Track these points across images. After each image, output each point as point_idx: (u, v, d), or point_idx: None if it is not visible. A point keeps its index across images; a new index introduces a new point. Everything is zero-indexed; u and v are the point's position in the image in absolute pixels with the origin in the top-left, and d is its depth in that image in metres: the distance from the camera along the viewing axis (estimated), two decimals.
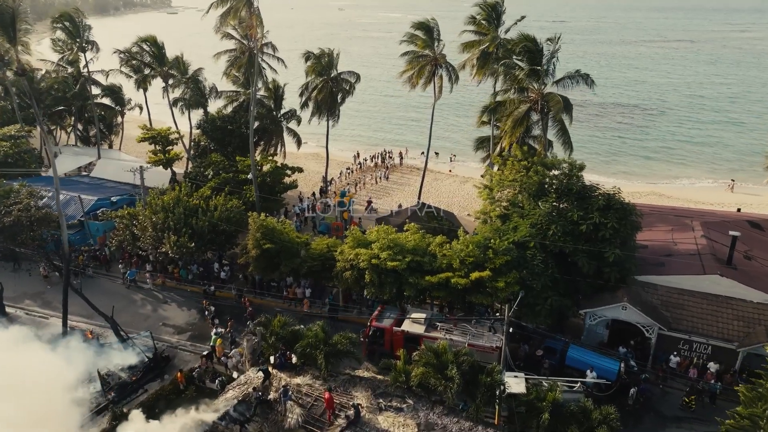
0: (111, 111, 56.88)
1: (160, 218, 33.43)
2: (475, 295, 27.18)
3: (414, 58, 43.93)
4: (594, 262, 27.51)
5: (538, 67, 30.85)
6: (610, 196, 28.59)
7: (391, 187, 55.55)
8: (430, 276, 27.63)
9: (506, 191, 31.22)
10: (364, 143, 71.32)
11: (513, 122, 31.50)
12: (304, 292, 32.91)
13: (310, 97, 46.99)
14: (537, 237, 27.99)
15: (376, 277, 28.09)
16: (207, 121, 47.52)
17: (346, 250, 29.73)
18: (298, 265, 31.07)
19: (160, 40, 50.28)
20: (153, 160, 44.16)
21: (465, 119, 79.49)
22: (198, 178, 44.04)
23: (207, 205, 35.85)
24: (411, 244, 28.63)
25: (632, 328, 27.42)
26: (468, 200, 51.80)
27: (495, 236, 28.93)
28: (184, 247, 32.17)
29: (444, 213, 39.45)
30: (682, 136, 74.79)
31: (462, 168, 62.61)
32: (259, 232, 30.93)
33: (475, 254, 27.37)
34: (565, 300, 27.63)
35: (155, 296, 34.96)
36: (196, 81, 49.90)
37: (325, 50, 46.63)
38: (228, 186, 41.35)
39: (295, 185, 44.12)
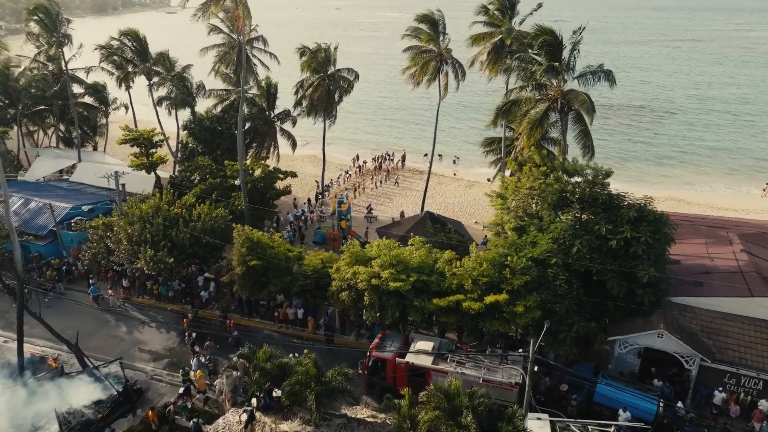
0: (94, 111, 53.45)
1: (136, 230, 30.04)
2: (490, 321, 23.81)
3: (417, 53, 40.61)
4: (624, 282, 24.15)
5: (557, 63, 27.47)
6: (641, 207, 25.25)
7: (392, 192, 52.18)
8: (438, 298, 24.27)
9: (522, 200, 27.84)
10: (363, 145, 67.83)
11: (530, 123, 28.12)
12: (296, 313, 29.51)
13: (305, 96, 43.60)
14: (559, 254, 24.61)
15: (377, 299, 24.73)
16: (194, 122, 44.13)
17: (343, 267, 26.36)
18: (289, 283, 27.67)
19: (142, 34, 46.87)
20: (135, 164, 40.77)
21: (466, 122, 76.27)
22: (184, 183, 40.72)
23: (190, 214, 32.48)
24: (416, 261, 25.26)
25: (668, 357, 24.07)
26: (475, 206, 48.48)
27: (511, 252, 25.63)
28: (162, 262, 28.77)
29: (451, 222, 36.10)
30: (694, 139, 71.31)
31: (466, 171, 59.34)
32: (244, 246, 27.53)
33: (490, 274, 24.01)
34: (591, 326, 24.25)
35: (132, 316, 31.53)
36: (182, 78, 46.47)
37: (321, 45, 43.25)
38: (215, 192, 37.97)
39: (288, 191, 40.76)
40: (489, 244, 30.00)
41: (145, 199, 34.03)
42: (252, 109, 45.95)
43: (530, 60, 28.47)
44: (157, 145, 41.90)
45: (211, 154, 44.36)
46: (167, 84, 46.43)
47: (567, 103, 28.67)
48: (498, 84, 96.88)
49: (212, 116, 44.20)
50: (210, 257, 31.72)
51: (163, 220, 30.95)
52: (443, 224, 32.99)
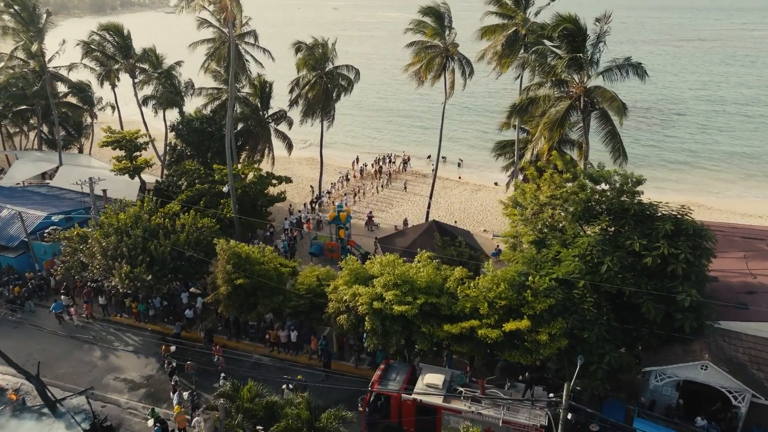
0: (78, 111, 50.38)
1: (112, 243, 27.04)
2: (509, 351, 20.80)
3: (422, 48, 37.66)
4: (662, 306, 21.16)
5: (581, 55, 24.44)
6: (679, 218, 22.30)
7: (394, 197, 49.19)
8: (449, 324, 21.29)
9: (543, 210, 24.85)
10: (362, 148, 64.73)
11: (550, 123, 25.13)
12: (288, 335, 26.50)
13: (301, 95, 40.62)
14: (588, 273, 21.62)
15: (379, 324, 21.75)
16: (182, 123, 41.14)
17: (341, 287, 23.37)
18: (281, 304, 24.66)
19: (126, 29, 43.77)
20: (117, 168, 37.76)
21: (469, 124, 73.12)
22: (170, 189, 37.71)
23: (173, 224, 29.51)
24: (423, 281, 22.26)
25: (710, 391, 21.10)
26: (483, 212, 45.52)
27: (530, 269, 22.66)
28: (139, 279, 25.77)
29: (459, 233, 33.09)
30: (707, 142, 68.13)
31: (472, 174, 56.37)
32: (230, 263, 24.52)
33: (509, 296, 21.02)
34: (625, 356, 21.26)
35: (107, 338, 28.50)
36: (169, 76, 43.45)
37: (318, 40, 40.28)
38: (203, 200, 34.99)
39: (282, 197, 37.75)
40: (503, 257, 27.05)
41: (125, 207, 30.98)
42: (244, 109, 43.00)
43: (549, 53, 25.45)
44: (142, 148, 38.91)
45: (201, 157, 41.38)
46: (153, 82, 43.43)
47: (590, 102, 25.68)
48: (502, 84, 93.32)
49: (201, 116, 41.20)
50: (194, 272, 28.69)
51: (143, 232, 27.96)
52: (452, 236, 30.00)
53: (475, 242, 32.38)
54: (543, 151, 25.43)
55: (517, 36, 30.04)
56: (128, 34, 43.96)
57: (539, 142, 26.40)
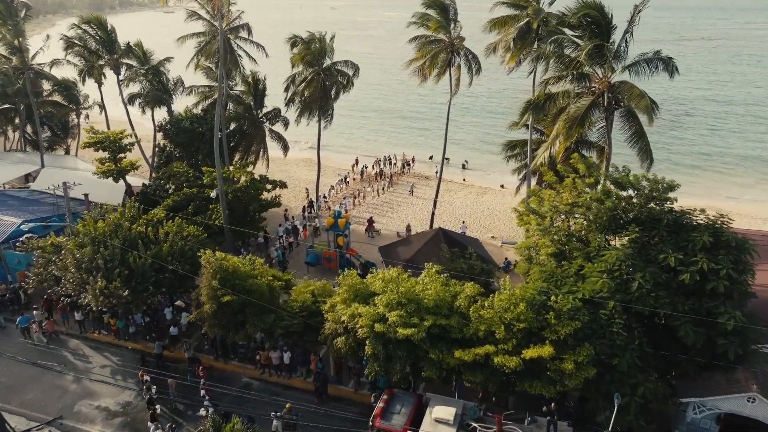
0: (64, 110, 47.87)
1: (87, 254, 24.54)
2: (529, 381, 18.34)
3: (425, 43, 35.23)
4: (701, 329, 18.72)
5: (607, 44, 21.93)
6: (717, 229, 19.87)
7: (396, 201, 46.71)
8: (460, 349, 18.85)
9: (562, 219, 22.43)
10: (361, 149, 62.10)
11: (570, 121, 22.66)
12: (281, 356, 24.02)
13: (297, 92, 38.17)
14: (617, 292, 19.17)
15: (382, 349, 19.30)
16: (170, 122, 38.67)
17: (339, 305, 20.90)
18: (272, 323, 22.19)
19: (109, 23, 41.26)
20: (100, 171, 35.27)
21: (471, 125, 70.37)
22: (157, 193, 35.24)
23: (156, 233, 27.02)
24: (431, 298, 19.79)
25: (756, 425, 18.68)
26: (490, 217, 43.06)
27: (550, 285, 20.26)
28: (115, 296, 23.28)
29: (467, 241, 30.64)
30: (717, 143, 65.50)
31: (476, 176, 53.85)
32: (215, 278, 22.02)
33: (528, 318, 18.58)
34: (660, 387, 18.81)
35: (83, 358, 26.00)
36: (157, 73, 40.97)
37: (315, 35, 37.83)
38: (191, 205, 32.52)
39: (277, 202, 35.25)
40: (518, 269, 24.61)
41: (105, 214, 28.47)
42: (237, 107, 40.56)
43: (569, 43, 22.97)
44: (127, 149, 36.42)
45: (190, 159, 38.94)
46: (139, 79, 40.96)
47: (614, 99, 23.22)
48: (504, 84, 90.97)
49: (191, 116, 38.73)
50: (179, 286, 26.19)
51: (123, 241, 25.46)
52: (460, 245, 27.53)
53: (485, 253, 29.91)
54: (559, 152, 22.97)
55: (530, 28, 27.59)
56: (112, 28, 41.48)
57: (556, 142, 23.94)
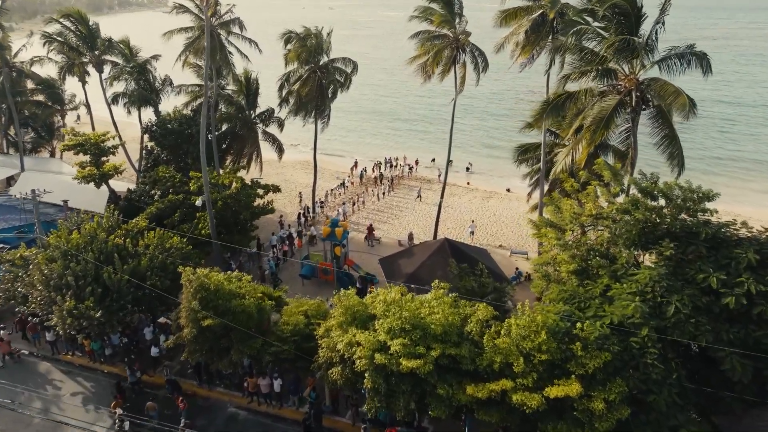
0: (48, 110, 45.50)
1: (56, 269, 22.18)
2: (553, 422, 15.97)
3: (428, 39, 32.96)
4: (748, 361, 16.34)
5: (636, 38, 19.57)
6: (764, 244, 17.52)
7: (398, 206, 44.36)
8: (473, 384, 16.48)
9: (585, 232, 20.06)
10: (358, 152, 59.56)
11: (594, 123, 20.29)
12: (271, 384, 21.64)
13: (291, 92, 35.82)
14: (651, 317, 16.80)
15: (383, 382, 16.93)
16: (156, 123, 36.33)
17: (335, 330, 18.55)
18: (260, 349, 19.82)
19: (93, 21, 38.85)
20: (81, 176, 32.90)
21: (472, 127, 67.74)
22: (142, 199, 32.94)
23: (136, 244, 24.68)
24: (438, 324, 17.40)
25: None
26: (497, 224, 40.71)
27: (572, 307, 17.92)
28: (85, 317, 20.91)
29: (474, 252, 28.30)
30: (728, 146, 62.92)
31: (480, 180, 51.52)
32: (195, 298, 19.65)
33: (551, 348, 16.21)
34: (703, 427, 16.44)
35: (52, 382, 23.62)
36: (142, 71, 38.60)
37: (311, 30, 35.49)
38: (177, 213, 30.20)
39: (270, 209, 32.86)
40: (533, 288, 22.25)
41: (82, 223, 26.11)
42: (228, 108, 38.23)
43: (593, 35, 20.57)
44: (110, 152, 34.06)
45: (179, 162, 36.59)
46: (123, 77, 38.60)
47: (642, 98, 20.85)
48: (505, 85, 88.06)
49: (179, 116, 36.38)
50: (159, 304, 23.81)
51: (98, 255, 23.11)
52: (468, 258, 25.18)
53: (495, 266, 27.57)
54: (582, 158, 20.58)
55: (545, 19, 25.25)
56: (95, 24, 39.10)
57: (578, 147, 21.57)
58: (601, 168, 19.77)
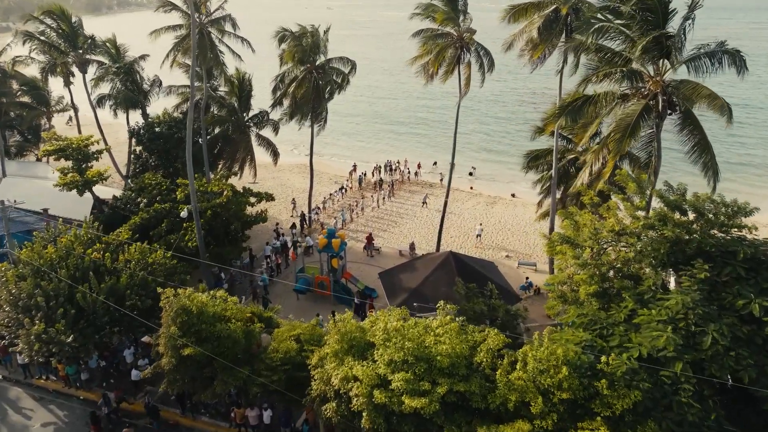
0: (33, 112, 43.58)
1: (25, 289, 20.27)
2: None
3: (431, 37, 31.07)
4: None
5: (668, 32, 17.60)
6: None
7: (398, 213, 42.45)
8: (484, 427, 14.57)
9: (606, 250, 18.15)
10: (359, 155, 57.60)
11: (620, 131, 18.35)
12: (260, 415, 19.74)
13: (286, 93, 33.94)
14: (685, 350, 14.90)
15: (384, 422, 15.04)
16: (143, 127, 34.44)
17: (329, 360, 16.64)
18: (246, 379, 17.92)
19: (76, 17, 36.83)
20: (63, 183, 31.00)
21: (473, 132, 65.53)
22: (128, 207, 31.04)
23: (116, 259, 22.77)
24: (445, 355, 15.50)
25: None
26: (503, 232, 38.80)
27: (594, 335, 16.06)
28: (55, 343, 19.00)
29: (480, 265, 26.38)
30: (739, 151, 60.69)
31: (484, 185, 49.57)
32: (176, 322, 17.74)
33: (572, 385, 14.31)
34: None
35: (22, 411, 21.70)
36: (129, 71, 36.69)
37: (307, 28, 33.61)
38: (164, 223, 28.31)
39: (263, 218, 30.94)
40: (549, 311, 20.38)
41: (58, 236, 24.21)
42: (220, 110, 36.35)
43: (615, 32, 18.64)
44: (94, 158, 32.14)
45: (168, 167, 34.67)
46: (109, 78, 36.68)
47: (669, 101, 18.94)
48: (508, 86, 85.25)
49: (168, 119, 34.47)
50: (139, 326, 21.86)
51: (73, 271, 21.22)
52: (475, 273, 23.28)
53: (504, 282, 25.65)
54: (607, 171, 18.60)
55: (558, 16, 23.34)
56: (78, 21, 37.11)
57: (598, 156, 19.65)
58: (625, 179, 17.85)
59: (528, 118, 68.93)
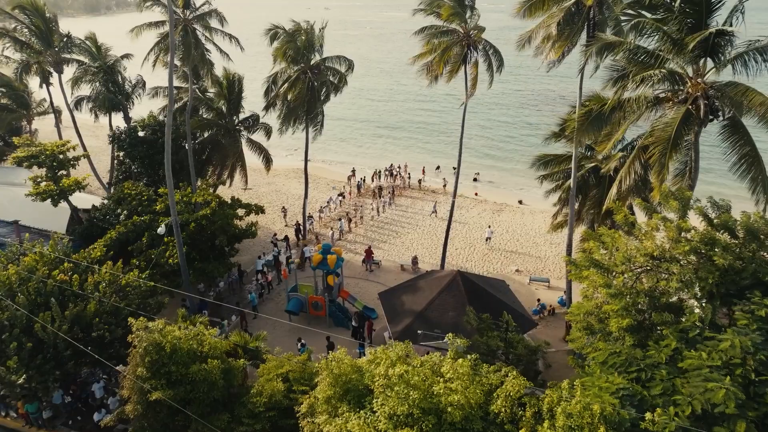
0: (11, 115, 41.00)
1: None
2: None
3: (435, 34, 28.64)
4: None
5: (727, 28, 15.13)
6: None
7: (399, 222, 39.96)
8: None
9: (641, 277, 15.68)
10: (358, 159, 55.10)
11: (660, 144, 15.81)
12: None
13: (278, 95, 31.47)
14: (746, 405, 12.43)
15: None
16: (125, 131, 31.96)
17: (320, 411, 14.17)
18: (226, 427, 15.43)
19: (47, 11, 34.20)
20: (35, 192, 28.53)
21: (476, 136, 62.86)
22: (108, 218, 28.58)
23: (85, 281, 20.31)
24: (457, 405, 13.05)
25: None
26: (512, 242, 36.32)
27: (629, 379, 13.64)
28: (5, 383, 16.52)
29: (490, 285, 23.88)
30: None
31: (489, 191, 47.01)
32: (144, 362, 15.26)
33: None
34: None
35: None
36: (109, 71, 34.17)
37: (301, 24, 31.16)
38: (145, 237, 25.83)
39: (253, 232, 28.41)
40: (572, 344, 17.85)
41: (23, 254, 21.75)
42: (208, 113, 33.88)
43: (653, 30, 16.11)
44: (70, 165, 29.66)
45: (153, 175, 32.20)
46: (88, 78, 34.16)
47: (710, 107, 16.46)
48: (511, 87, 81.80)
49: (152, 123, 31.98)
50: (109, 358, 19.37)
51: (34, 297, 18.78)
52: (488, 298, 20.81)
53: (519, 305, 23.16)
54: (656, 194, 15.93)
55: (580, 9, 20.88)
56: (53, 17, 34.54)
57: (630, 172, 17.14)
58: (666, 196, 15.35)
59: (531, 122, 66.32)
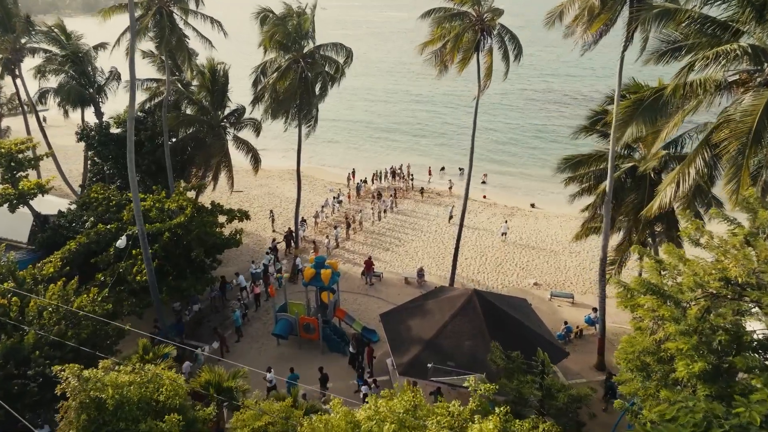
0: None
1: None
2: None
3: (446, 18, 25.21)
4: None
5: None
6: None
7: (402, 228, 36.50)
8: None
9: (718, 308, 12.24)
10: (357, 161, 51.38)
11: (736, 137, 12.41)
12: None
13: (266, 87, 28.03)
14: None
15: None
16: (94, 128, 28.51)
17: None
18: None
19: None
20: None
21: (482, 134, 59.09)
22: (74, 226, 25.17)
23: (28, 304, 16.90)
24: None
25: None
26: (527, 250, 32.83)
27: None
28: None
29: (511, 305, 20.43)
30: None
31: (498, 193, 43.54)
32: (80, 421, 11.80)
33: None
34: None
35: None
36: (78, 61, 30.70)
37: (293, 8, 27.72)
38: (112, 248, 22.39)
39: (236, 242, 24.89)
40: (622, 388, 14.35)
41: None
42: (190, 107, 30.45)
43: None
44: (31, 165, 26.22)
45: (125, 177, 28.74)
46: (52, 68, 30.70)
47: None
48: (514, 84, 77.74)
49: (124, 119, 28.52)
50: (52, 399, 15.93)
51: None
52: (510, 322, 17.37)
53: (545, 329, 19.70)
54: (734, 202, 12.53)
55: None
56: (14, 1, 31.00)
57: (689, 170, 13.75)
58: (754, 204, 11.90)
59: (537, 124, 62.69)
